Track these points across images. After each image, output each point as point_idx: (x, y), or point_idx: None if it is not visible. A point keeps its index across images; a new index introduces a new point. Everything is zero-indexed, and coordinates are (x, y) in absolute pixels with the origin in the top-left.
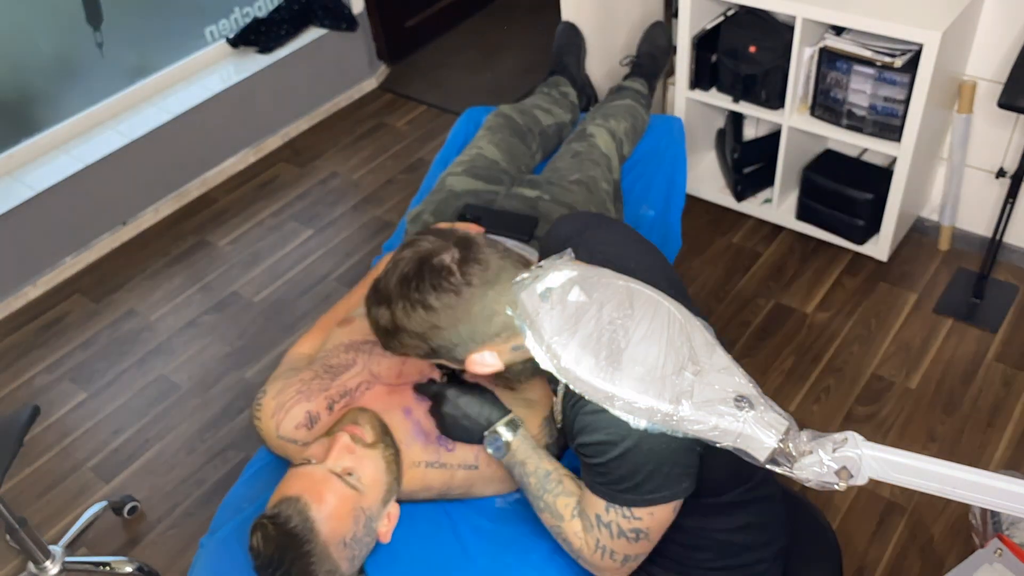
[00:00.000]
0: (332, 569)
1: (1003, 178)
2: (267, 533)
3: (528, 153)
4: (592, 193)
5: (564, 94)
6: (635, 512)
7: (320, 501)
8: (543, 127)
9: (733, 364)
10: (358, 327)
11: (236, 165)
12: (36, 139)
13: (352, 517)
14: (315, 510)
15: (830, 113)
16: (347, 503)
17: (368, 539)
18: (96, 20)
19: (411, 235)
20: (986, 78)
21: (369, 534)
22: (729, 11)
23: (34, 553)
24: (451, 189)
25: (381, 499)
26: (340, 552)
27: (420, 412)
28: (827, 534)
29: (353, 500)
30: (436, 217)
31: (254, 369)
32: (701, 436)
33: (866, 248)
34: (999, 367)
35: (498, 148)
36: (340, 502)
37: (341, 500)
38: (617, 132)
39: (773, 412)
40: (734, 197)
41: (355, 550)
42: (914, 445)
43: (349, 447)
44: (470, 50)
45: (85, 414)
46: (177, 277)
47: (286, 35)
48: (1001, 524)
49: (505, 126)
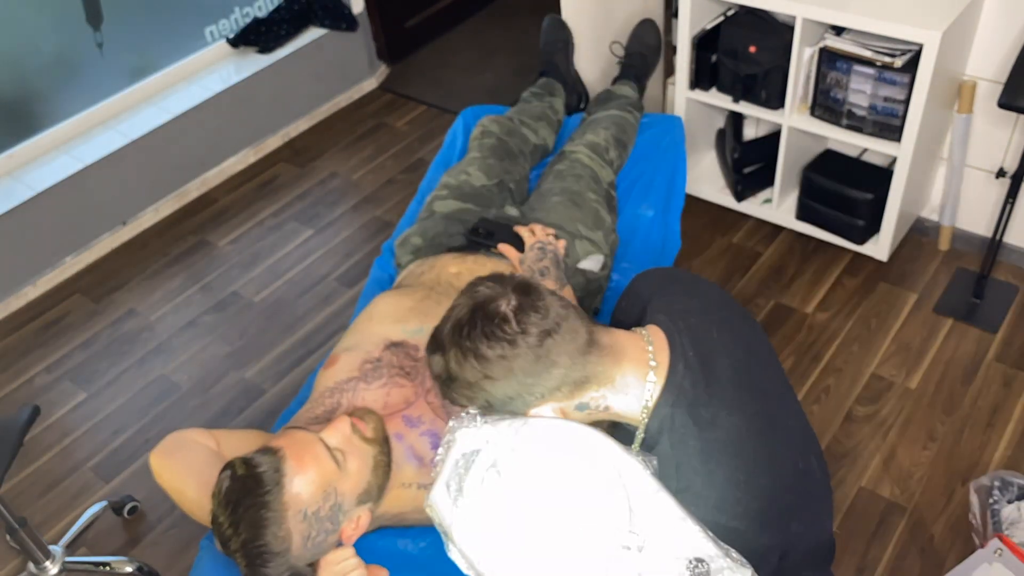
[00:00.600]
0: (284, 536)
1: (1003, 178)
2: (234, 472)
3: (519, 174)
4: (578, 207)
5: (553, 108)
6: None
7: (298, 459)
8: (532, 146)
9: (682, 514)
10: (342, 366)
11: (236, 165)
12: (36, 139)
13: (323, 491)
14: (289, 466)
15: (830, 113)
16: (324, 473)
17: (330, 527)
18: (96, 20)
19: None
20: (986, 78)
21: (332, 523)
22: (729, 11)
23: (34, 553)
24: (438, 212)
25: (357, 494)
26: (297, 522)
27: (412, 437)
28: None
29: (330, 474)
30: (424, 240)
31: (254, 369)
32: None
33: (866, 248)
34: (999, 367)
35: (486, 174)
36: (317, 469)
37: (319, 468)
38: (598, 142)
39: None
40: (734, 197)
41: (313, 530)
42: (914, 445)
43: (345, 431)
44: (470, 50)
45: (85, 414)
46: (177, 277)
47: (286, 35)
48: (1001, 524)
49: (496, 148)
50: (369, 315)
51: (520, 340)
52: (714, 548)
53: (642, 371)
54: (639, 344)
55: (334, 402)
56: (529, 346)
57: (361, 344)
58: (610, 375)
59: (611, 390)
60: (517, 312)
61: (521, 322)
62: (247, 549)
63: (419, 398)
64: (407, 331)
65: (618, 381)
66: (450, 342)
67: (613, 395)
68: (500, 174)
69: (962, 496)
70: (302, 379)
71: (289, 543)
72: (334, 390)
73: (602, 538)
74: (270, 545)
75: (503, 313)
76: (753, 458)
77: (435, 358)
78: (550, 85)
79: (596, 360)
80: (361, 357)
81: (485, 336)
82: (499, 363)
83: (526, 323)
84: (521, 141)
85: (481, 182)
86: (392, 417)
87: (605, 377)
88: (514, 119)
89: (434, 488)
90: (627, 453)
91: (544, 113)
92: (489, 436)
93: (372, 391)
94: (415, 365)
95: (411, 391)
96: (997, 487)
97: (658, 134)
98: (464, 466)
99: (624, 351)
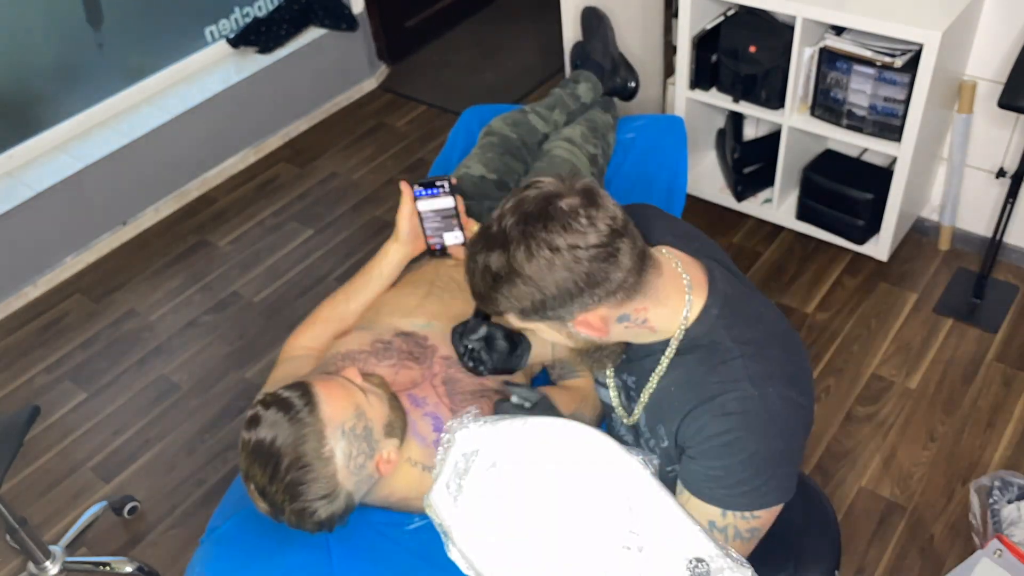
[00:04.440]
0: (327, 454)
1: (1003, 178)
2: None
3: (521, 171)
4: None
5: (574, 95)
6: (755, 512)
7: (324, 384)
8: (542, 136)
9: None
10: (353, 338)
11: (236, 165)
12: (36, 139)
13: (354, 408)
14: (318, 388)
15: (830, 113)
16: (351, 395)
17: (367, 449)
18: (96, 20)
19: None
20: (986, 78)
21: (369, 444)
22: (729, 11)
23: (34, 553)
24: None
25: (383, 424)
26: (337, 438)
27: (416, 415)
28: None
29: (358, 396)
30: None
31: (254, 369)
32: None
33: (866, 248)
34: (999, 367)
35: (486, 167)
36: (344, 391)
37: (346, 390)
38: (574, 138)
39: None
40: (734, 197)
41: (353, 448)
42: (914, 445)
43: (358, 379)
44: (470, 50)
45: (85, 414)
46: (177, 277)
47: (286, 35)
48: (1001, 524)
49: (497, 144)
50: (376, 309)
51: (592, 234)
52: (714, 548)
53: (678, 283)
54: (668, 259)
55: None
56: (601, 242)
57: (372, 327)
58: (655, 285)
59: (654, 302)
60: (587, 207)
61: (591, 217)
62: (291, 475)
63: (425, 380)
64: (416, 325)
65: (661, 293)
66: (519, 234)
67: (654, 308)
68: (500, 169)
69: (962, 496)
70: None
71: (333, 460)
72: (346, 356)
73: (602, 538)
74: (312, 464)
75: (574, 205)
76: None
77: (493, 255)
78: (576, 74)
79: (651, 268)
80: (372, 336)
81: (561, 226)
82: (570, 254)
83: (596, 219)
84: (527, 132)
85: (480, 173)
86: (398, 395)
87: (651, 288)
88: (527, 109)
89: (434, 488)
90: (627, 453)
91: (561, 100)
92: (489, 436)
93: (381, 367)
94: (423, 352)
95: (418, 374)
96: (997, 487)
97: (659, 134)
98: (464, 466)
99: (660, 264)
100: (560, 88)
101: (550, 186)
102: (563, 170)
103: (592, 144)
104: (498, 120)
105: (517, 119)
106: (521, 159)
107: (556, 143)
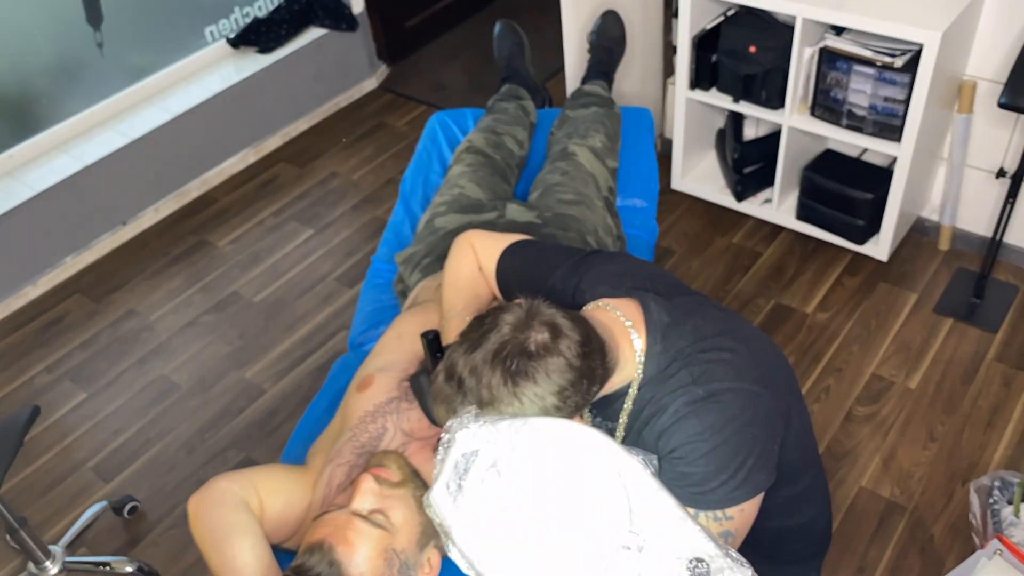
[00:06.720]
0: None
1: (1003, 178)
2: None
3: (507, 193)
4: (592, 211)
5: (525, 110)
6: (727, 512)
7: (346, 543)
8: (518, 159)
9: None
10: (379, 387)
11: (236, 165)
12: (36, 139)
13: (384, 559)
14: (341, 552)
15: (830, 113)
16: (375, 543)
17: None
18: (96, 20)
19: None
20: (986, 78)
21: (408, 569)
22: (729, 11)
23: (34, 553)
24: (443, 228)
25: (415, 541)
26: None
27: None
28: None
29: (382, 540)
30: (432, 256)
31: (254, 369)
32: None
33: (866, 248)
34: (999, 367)
35: (480, 187)
36: (367, 543)
37: (368, 540)
38: (597, 149)
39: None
40: (734, 197)
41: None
42: (914, 445)
43: (373, 489)
44: (470, 50)
45: (85, 414)
46: (177, 277)
47: (286, 35)
48: (1001, 524)
49: (485, 164)
50: (398, 334)
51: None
52: (714, 548)
53: (622, 330)
54: (608, 314)
55: (378, 427)
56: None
57: (395, 363)
58: (615, 357)
59: (617, 367)
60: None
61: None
62: None
63: None
64: None
65: (616, 350)
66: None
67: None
68: (493, 189)
69: (962, 496)
70: (302, 379)
71: None
72: (375, 414)
73: (602, 538)
74: None
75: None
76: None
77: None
78: (515, 90)
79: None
80: (398, 376)
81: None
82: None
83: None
84: (507, 155)
85: (477, 195)
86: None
87: (614, 361)
88: (497, 130)
89: (434, 488)
90: (627, 453)
91: (519, 116)
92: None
93: (415, 409)
94: None
95: None
96: (997, 487)
97: (630, 127)
98: (464, 466)
99: (608, 328)
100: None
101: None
102: (586, 183)
103: (612, 158)
104: (477, 136)
105: (496, 142)
106: (507, 180)
107: (582, 150)
